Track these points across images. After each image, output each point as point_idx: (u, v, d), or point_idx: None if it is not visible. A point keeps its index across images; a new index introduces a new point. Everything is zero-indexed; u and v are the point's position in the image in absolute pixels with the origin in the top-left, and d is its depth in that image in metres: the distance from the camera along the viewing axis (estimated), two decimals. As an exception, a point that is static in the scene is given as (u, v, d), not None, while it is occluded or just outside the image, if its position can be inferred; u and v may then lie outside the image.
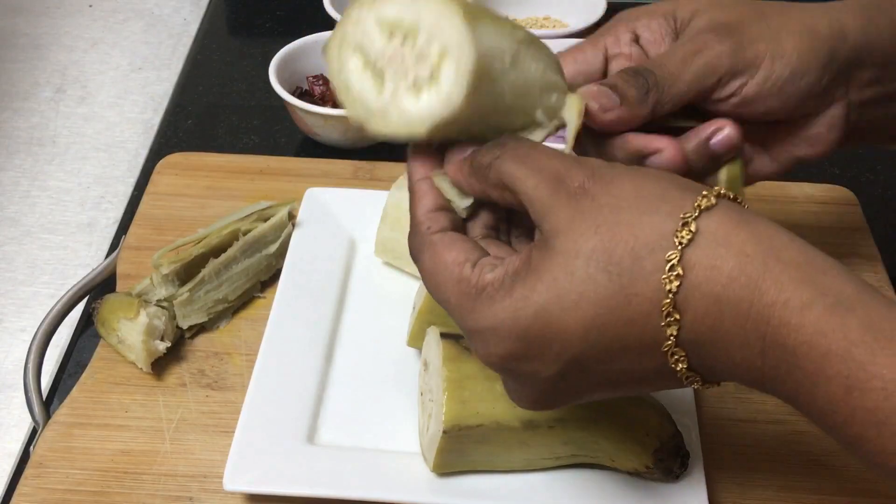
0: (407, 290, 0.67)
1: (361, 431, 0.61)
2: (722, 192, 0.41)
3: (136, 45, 1.06)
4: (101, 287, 0.72)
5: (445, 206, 0.46)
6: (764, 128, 0.54)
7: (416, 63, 0.43)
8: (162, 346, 0.63)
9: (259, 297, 0.70)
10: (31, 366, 0.66)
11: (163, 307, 0.64)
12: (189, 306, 0.65)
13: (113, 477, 0.59)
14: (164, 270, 0.64)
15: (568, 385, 0.43)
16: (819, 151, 0.55)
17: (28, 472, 0.59)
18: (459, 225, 0.47)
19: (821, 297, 0.38)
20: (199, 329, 0.67)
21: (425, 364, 0.59)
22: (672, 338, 0.40)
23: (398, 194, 0.68)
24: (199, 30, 1.06)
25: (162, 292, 0.65)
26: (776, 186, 0.80)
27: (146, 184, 0.79)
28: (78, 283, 0.72)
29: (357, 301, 0.69)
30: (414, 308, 0.63)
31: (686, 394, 0.61)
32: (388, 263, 0.71)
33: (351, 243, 0.72)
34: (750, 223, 0.40)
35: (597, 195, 0.41)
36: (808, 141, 0.55)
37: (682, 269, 0.39)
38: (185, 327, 0.66)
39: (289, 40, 0.89)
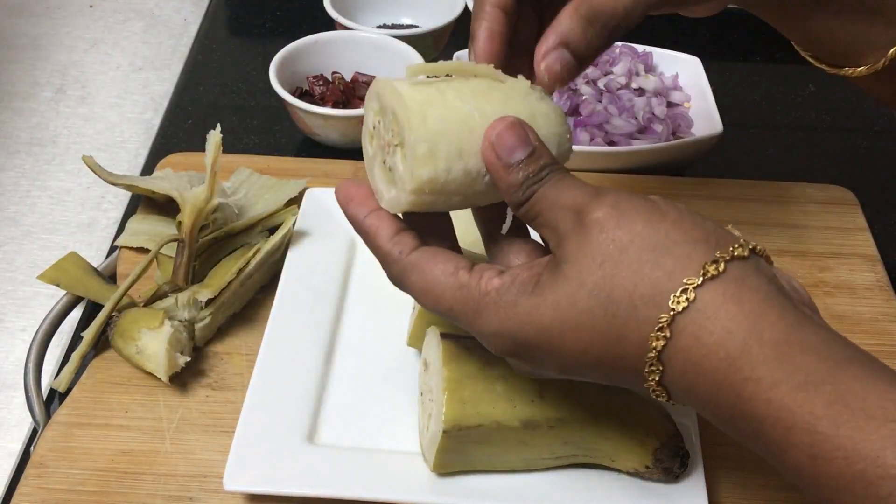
0: (407, 290, 0.67)
1: (361, 431, 0.61)
2: (736, 251, 0.42)
3: (136, 45, 1.06)
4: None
5: (404, 227, 0.48)
6: None
7: (386, 148, 0.49)
8: (182, 361, 0.63)
9: (259, 297, 0.70)
10: (31, 366, 0.66)
11: (183, 325, 0.64)
12: (209, 327, 0.66)
13: (113, 477, 0.59)
14: (202, 298, 0.64)
15: (567, 374, 0.46)
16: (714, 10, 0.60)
17: (28, 472, 0.59)
18: (420, 241, 0.48)
19: (790, 377, 0.40)
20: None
21: (425, 364, 0.59)
22: (654, 381, 0.43)
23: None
24: (200, 30, 1.06)
25: (185, 314, 0.65)
26: (776, 186, 0.81)
27: (146, 184, 0.79)
28: (78, 283, 0.72)
29: (357, 301, 0.69)
30: (414, 308, 0.63)
31: (686, 394, 0.61)
32: (388, 263, 0.71)
33: (351, 243, 0.72)
34: (744, 300, 0.42)
35: (608, 228, 0.43)
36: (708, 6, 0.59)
37: (670, 332, 0.41)
38: (201, 345, 0.66)
39: (289, 40, 0.89)
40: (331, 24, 0.95)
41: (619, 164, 0.81)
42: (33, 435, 0.64)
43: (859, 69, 0.60)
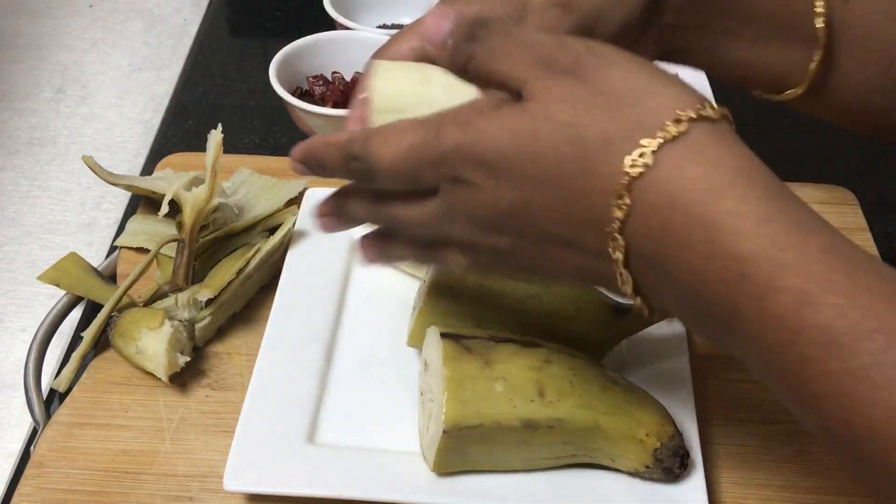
0: (407, 290, 0.67)
1: (361, 431, 0.61)
2: (725, 113, 0.41)
3: (136, 45, 1.06)
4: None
5: None
6: None
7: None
8: (182, 361, 0.63)
9: (259, 297, 0.70)
10: (31, 366, 0.66)
11: (183, 325, 0.64)
12: (209, 327, 0.66)
13: (113, 477, 0.59)
14: (202, 298, 0.65)
15: (511, 227, 0.44)
16: None
17: (28, 472, 0.59)
18: None
19: (782, 215, 0.37)
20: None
21: (425, 364, 0.59)
22: (617, 221, 0.39)
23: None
24: (200, 30, 1.06)
25: (185, 314, 0.65)
26: (776, 186, 0.81)
27: (146, 184, 0.79)
28: (78, 283, 0.72)
29: (357, 301, 0.69)
30: (414, 308, 0.63)
31: (686, 394, 0.61)
32: (388, 263, 0.71)
33: (351, 243, 0.72)
34: (735, 144, 0.39)
35: (587, 74, 0.41)
36: None
37: (653, 160, 0.38)
38: (201, 345, 0.66)
39: (289, 40, 0.89)
40: (331, 24, 0.95)
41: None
42: (33, 435, 0.64)
43: (788, 92, 0.61)
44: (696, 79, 0.87)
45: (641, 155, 0.38)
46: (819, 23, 0.58)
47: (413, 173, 0.45)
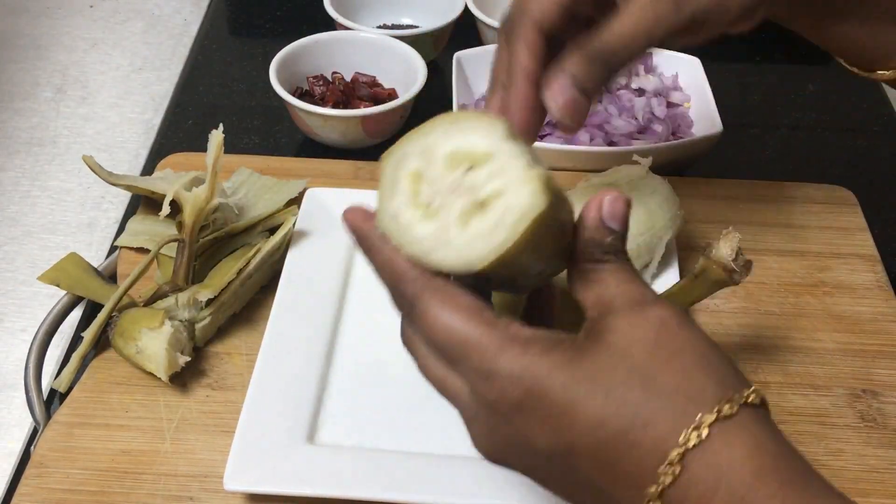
0: (407, 290, 0.67)
1: (361, 431, 0.61)
2: (750, 397, 0.41)
3: (136, 45, 1.06)
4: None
5: None
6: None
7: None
8: (182, 361, 0.63)
9: (259, 297, 0.70)
10: (31, 366, 0.66)
11: (183, 325, 0.64)
12: (209, 327, 0.66)
13: (113, 477, 0.59)
14: (202, 298, 0.65)
15: (541, 467, 0.44)
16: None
17: (28, 472, 0.59)
18: None
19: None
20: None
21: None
22: (661, 485, 0.40)
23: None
24: (200, 30, 1.06)
25: (185, 314, 0.65)
26: (776, 186, 0.81)
27: (146, 184, 0.79)
28: (78, 283, 0.72)
29: (357, 301, 0.69)
30: (414, 308, 0.63)
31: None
32: (388, 263, 0.71)
33: (351, 243, 0.72)
34: (776, 431, 0.41)
35: (671, 326, 0.42)
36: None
37: (707, 435, 0.40)
38: (201, 345, 0.66)
39: (289, 40, 0.89)
40: (331, 24, 0.95)
41: (619, 164, 0.81)
42: (33, 435, 0.64)
43: (888, 72, 0.61)
44: (702, 93, 0.87)
45: (697, 428, 0.40)
46: None
47: (452, 359, 0.43)
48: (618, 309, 0.43)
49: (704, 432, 0.40)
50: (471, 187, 0.42)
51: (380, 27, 1.00)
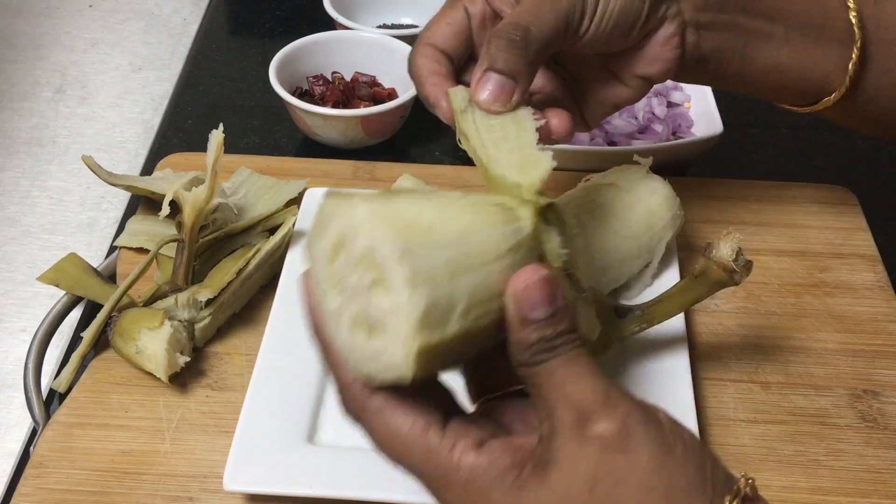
0: (407, 290, 0.67)
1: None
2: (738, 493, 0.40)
3: (136, 45, 1.06)
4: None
5: None
6: (603, 59, 0.57)
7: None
8: (182, 361, 0.63)
9: (259, 297, 0.70)
10: (31, 366, 0.66)
11: (183, 325, 0.64)
12: (208, 327, 0.66)
13: (113, 477, 0.59)
14: (202, 298, 0.64)
15: None
16: (659, 70, 0.57)
17: (28, 472, 0.59)
18: None
19: None
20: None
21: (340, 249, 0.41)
22: None
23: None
24: (199, 30, 1.06)
25: (185, 314, 0.65)
26: (776, 186, 0.81)
27: (146, 184, 0.79)
28: (78, 283, 0.71)
29: (357, 301, 0.69)
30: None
31: (686, 394, 0.61)
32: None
33: (351, 243, 0.72)
34: None
35: (609, 450, 0.39)
36: (646, 60, 0.57)
37: None
38: (201, 345, 0.66)
39: (289, 40, 0.89)
40: (331, 24, 0.95)
41: (619, 164, 0.81)
42: (33, 435, 0.64)
43: (824, 101, 0.61)
44: (701, 93, 0.87)
45: None
46: (852, 18, 0.58)
47: (398, 461, 0.43)
48: (560, 430, 0.39)
49: None
50: (369, 300, 0.39)
51: (380, 27, 1.00)
